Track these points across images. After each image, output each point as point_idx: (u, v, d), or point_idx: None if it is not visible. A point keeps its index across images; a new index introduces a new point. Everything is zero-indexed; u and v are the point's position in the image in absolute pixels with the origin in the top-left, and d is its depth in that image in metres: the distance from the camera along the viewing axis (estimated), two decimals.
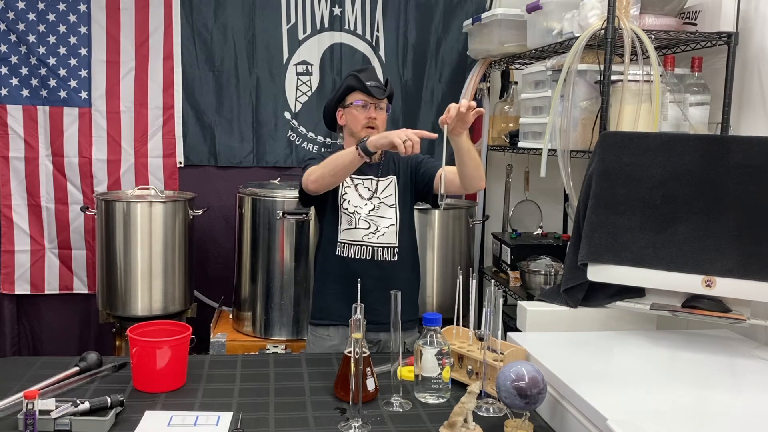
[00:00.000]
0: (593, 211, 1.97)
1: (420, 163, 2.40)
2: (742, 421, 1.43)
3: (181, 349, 1.82)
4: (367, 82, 2.33)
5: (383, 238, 2.31)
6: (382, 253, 2.31)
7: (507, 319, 2.58)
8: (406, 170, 2.39)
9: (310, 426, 1.60)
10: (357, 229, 2.31)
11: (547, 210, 3.39)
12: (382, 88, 2.34)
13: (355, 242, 2.31)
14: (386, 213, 2.33)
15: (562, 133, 2.40)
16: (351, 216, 2.31)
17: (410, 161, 2.39)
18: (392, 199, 2.35)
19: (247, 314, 3.12)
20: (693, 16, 2.45)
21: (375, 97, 2.32)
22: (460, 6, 3.60)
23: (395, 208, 2.34)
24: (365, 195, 2.33)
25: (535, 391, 1.49)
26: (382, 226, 2.32)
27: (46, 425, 1.51)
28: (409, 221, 2.40)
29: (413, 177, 2.39)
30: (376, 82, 2.35)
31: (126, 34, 3.44)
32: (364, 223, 2.31)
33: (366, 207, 2.32)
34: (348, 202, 2.32)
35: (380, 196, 2.34)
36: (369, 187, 2.35)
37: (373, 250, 2.30)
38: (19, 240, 3.46)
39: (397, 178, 2.37)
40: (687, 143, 1.91)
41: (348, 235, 2.31)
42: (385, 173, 2.37)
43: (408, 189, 2.38)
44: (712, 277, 1.82)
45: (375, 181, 2.35)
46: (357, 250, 2.30)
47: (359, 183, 2.34)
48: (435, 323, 1.77)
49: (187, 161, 3.54)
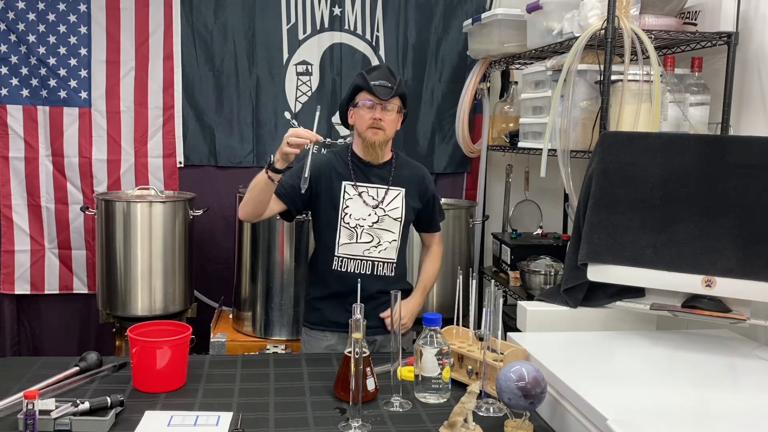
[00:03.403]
0: (593, 211, 1.97)
1: (432, 204, 2.38)
2: (742, 421, 1.43)
3: (181, 349, 1.82)
4: (375, 81, 2.23)
5: (384, 253, 2.27)
6: (382, 268, 2.28)
7: (507, 319, 2.58)
8: (415, 189, 2.33)
9: (310, 426, 1.60)
10: (358, 243, 2.26)
11: (547, 210, 3.39)
12: (389, 87, 2.23)
13: (354, 257, 2.26)
14: (391, 227, 2.28)
15: (562, 133, 2.40)
16: (352, 230, 2.25)
17: (424, 193, 2.35)
18: (398, 212, 2.29)
19: (247, 314, 3.12)
20: (693, 16, 2.45)
21: (379, 97, 2.22)
22: (460, 6, 3.60)
23: (400, 223, 2.29)
24: (370, 203, 2.27)
25: (539, 390, 1.50)
26: (384, 240, 2.27)
27: (46, 425, 1.51)
28: (407, 238, 2.36)
29: (418, 204, 2.34)
30: (384, 81, 2.24)
31: (126, 34, 3.44)
32: (366, 236, 2.26)
33: (369, 218, 2.26)
34: (350, 216, 2.26)
35: (385, 207, 2.28)
36: (374, 196, 2.28)
37: (374, 264, 2.27)
38: (19, 240, 3.46)
39: (405, 191, 2.31)
40: (687, 143, 1.91)
41: (347, 249, 2.26)
42: (396, 183, 2.30)
43: (410, 207, 2.32)
44: (712, 277, 1.82)
45: (384, 190, 2.29)
46: (357, 264, 2.26)
47: (363, 191, 2.28)
48: (435, 323, 1.77)
49: (187, 161, 3.54)
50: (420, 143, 3.65)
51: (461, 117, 3.44)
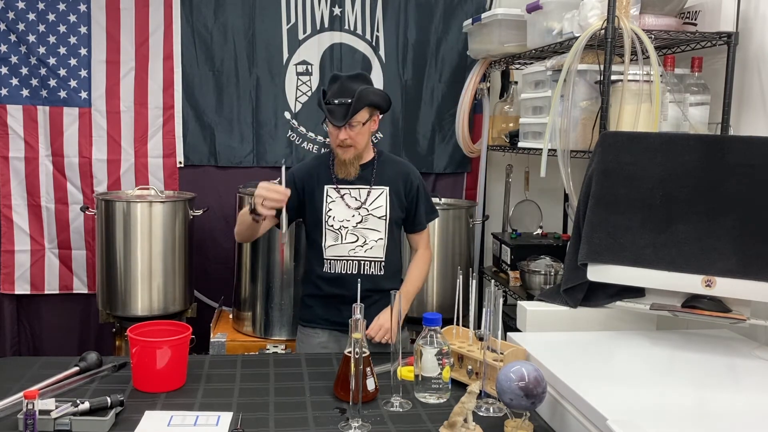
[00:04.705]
0: (593, 211, 1.97)
1: (415, 201, 2.32)
2: (742, 421, 1.43)
3: (181, 349, 1.82)
4: (332, 101, 2.14)
5: (371, 252, 2.27)
6: (369, 267, 2.27)
7: (507, 319, 2.58)
8: (400, 187, 2.30)
9: (310, 426, 1.60)
10: (343, 244, 2.26)
11: (547, 210, 3.39)
12: (347, 104, 2.12)
13: (341, 257, 2.26)
14: (376, 225, 2.27)
15: (562, 133, 2.40)
16: (337, 232, 2.26)
17: (408, 190, 2.31)
18: (382, 210, 2.27)
19: (247, 314, 3.12)
20: (693, 16, 2.45)
21: (336, 125, 2.14)
22: (460, 6, 3.60)
23: (385, 221, 2.28)
24: (353, 205, 2.26)
25: (540, 390, 1.50)
26: (370, 239, 2.26)
27: (46, 425, 1.51)
28: (398, 234, 2.35)
29: (404, 202, 2.31)
30: (341, 98, 2.13)
31: (126, 34, 3.44)
32: (351, 236, 2.26)
33: (353, 219, 2.26)
34: (333, 218, 2.26)
35: (369, 207, 2.27)
36: (357, 197, 2.27)
37: (360, 264, 2.26)
38: (19, 240, 3.46)
39: (389, 189, 2.29)
40: (687, 143, 1.91)
41: (334, 251, 2.27)
42: (379, 182, 2.29)
43: (396, 205, 2.29)
44: (712, 277, 1.82)
45: (366, 191, 2.28)
46: (344, 265, 2.26)
47: (346, 193, 2.27)
48: (435, 323, 1.77)
49: (187, 161, 3.54)
50: (420, 143, 3.65)
51: (461, 117, 3.44)
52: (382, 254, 2.28)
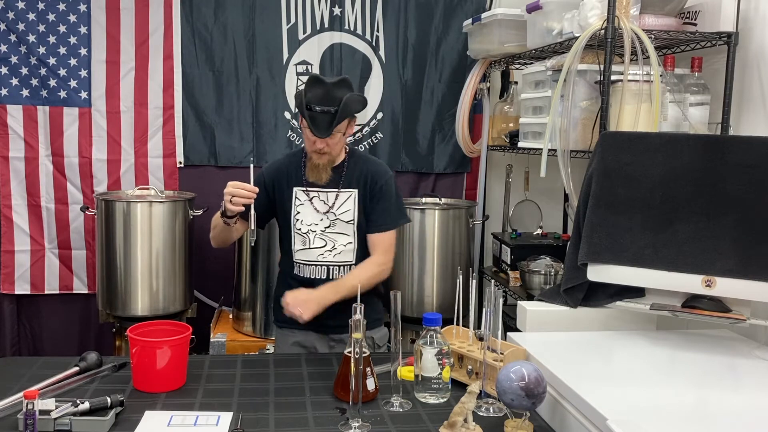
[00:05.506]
0: (593, 211, 1.97)
1: (377, 201, 2.21)
2: (742, 421, 1.43)
3: (181, 349, 1.82)
4: (315, 108, 2.05)
5: (340, 257, 2.22)
6: (338, 272, 2.22)
7: (507, 319, 2.58)
8: (365, 187, 2.22)
9: (310, 426, 1.60)
10: (311, 249, 2.23)
11: (547, 210, 3.39)
12: (331, 113, 2.05)
13: (310, 262, 2.23)
14: (344, 230, 2.22)
15: (562, 133, 2.40)
16: (305, 236, 2.22)
17: (371, 189, 2.21)
18: (350, 214, 2.21)
19: (247, 314, 3.12)
20: (693, 16, 2.45)
21: (318, 136, 2.08)
22: (460, 6, 3.60)
23: (353, 225, 2.22)
24: (321, 209, 2.21)
25: (540, 390, 1.50)
26: (339, 243, 2.22)
27: (46, 425, 1.51)
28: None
29: (367, 201, 2.23)
30: (325, 106, 2.05)
31: (126, 34, 3.44)
32: (319, 241, 2.22)
33: (321, 223, 2.21)
34: (301, 222, 2.22)
35: (336, 211, 2.21)
36: (325, 200, 2.22)
37: (329, 269, 2.22)
38: (19, 240, 3.46)
39: (357, 192, 2.22)
40: (687, 143, 1.91)
41: (303, 255, 2.24)
42: (347, 185, 2.22)
43: (363, 208, 2.22)
44: (712, 277, 1.82)
45: (335, 194, 2.21)
46: (312, 270, 2.23)
47: (315, 196, 2.22)
48: (435, 323, 1.77)
49: (187, 161, 3.54)
50: (420, 143, 3.65)
51: (461, 117, 3.44)
52: (353, 258, 2.23)
